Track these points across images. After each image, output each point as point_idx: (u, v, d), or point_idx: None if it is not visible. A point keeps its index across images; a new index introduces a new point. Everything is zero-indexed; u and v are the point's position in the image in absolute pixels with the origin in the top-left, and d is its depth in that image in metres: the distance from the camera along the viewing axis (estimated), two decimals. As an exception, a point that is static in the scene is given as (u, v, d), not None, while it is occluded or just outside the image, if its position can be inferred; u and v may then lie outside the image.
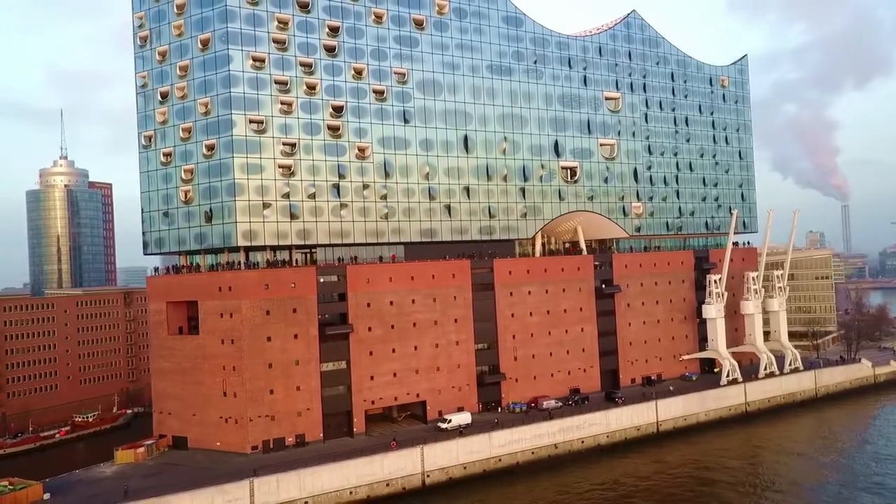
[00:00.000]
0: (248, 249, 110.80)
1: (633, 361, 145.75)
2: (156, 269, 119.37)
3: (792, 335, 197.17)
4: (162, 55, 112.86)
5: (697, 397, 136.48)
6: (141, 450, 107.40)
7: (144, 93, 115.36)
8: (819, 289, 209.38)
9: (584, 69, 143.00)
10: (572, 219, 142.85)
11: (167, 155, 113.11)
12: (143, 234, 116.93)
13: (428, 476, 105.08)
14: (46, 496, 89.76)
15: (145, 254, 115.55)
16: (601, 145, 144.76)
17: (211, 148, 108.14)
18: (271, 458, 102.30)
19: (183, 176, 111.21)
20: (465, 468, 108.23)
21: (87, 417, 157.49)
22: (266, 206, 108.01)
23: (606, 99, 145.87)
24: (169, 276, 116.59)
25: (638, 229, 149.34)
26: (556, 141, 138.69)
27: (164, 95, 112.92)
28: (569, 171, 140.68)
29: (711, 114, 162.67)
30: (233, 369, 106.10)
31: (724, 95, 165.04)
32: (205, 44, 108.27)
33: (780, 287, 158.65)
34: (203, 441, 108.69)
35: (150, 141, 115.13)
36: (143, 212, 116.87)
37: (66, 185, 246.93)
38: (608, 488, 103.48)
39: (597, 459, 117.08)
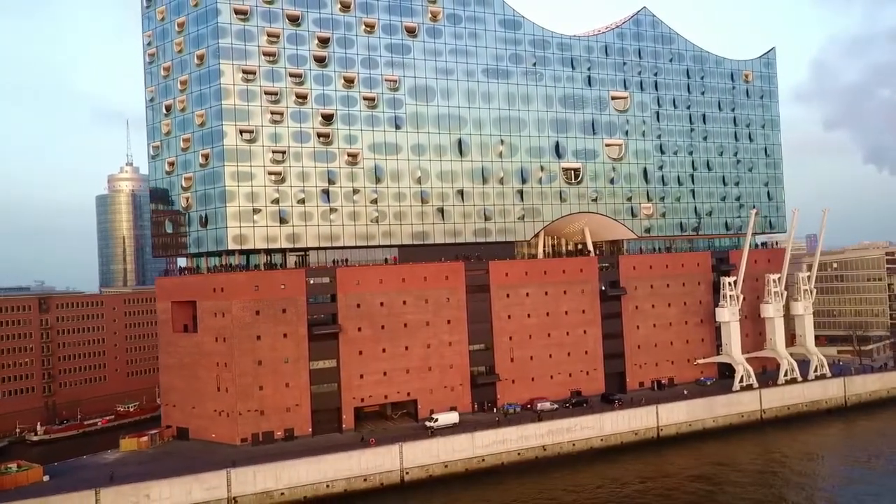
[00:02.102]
0: (247, 253, 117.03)
1: (641, 365, 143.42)
2: (165, 272, 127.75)
3: (841, 340, 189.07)
4: (166, 70, 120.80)
5: (704, 402, 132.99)
6: (144, 438, 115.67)
7: (153, 106, 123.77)
8: (870, 290, 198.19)
9: (589, 69, 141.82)
10: (578, 220, 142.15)
11: (171, 164, 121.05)
12: (152, 238, 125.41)
13: (407, 473, 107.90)
14: (46, 478, 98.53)
15: (154, 256, 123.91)
16: (607, 146, 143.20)
17: (206, 157, 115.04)
18: (258, 451, 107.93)
19: (183, 184, 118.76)
20: (445, 466, 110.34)
21: (129, 407, 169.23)
22: (256, 211, 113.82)
23: (613, 99, 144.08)
24: (173, 278, 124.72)
25: (648, 230, 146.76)
26: (557, 142, 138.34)
27: (168, 108, 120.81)
28: (572, 173, 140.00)
29: (733, 110, 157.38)
30: (224, 366, 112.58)
31: (747, 91, 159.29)
32: (200, 59, 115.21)
33: (805, 290, 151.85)
34: (201, 432, 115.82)
35: (157, 151, 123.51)
36: (151, 217, 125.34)
37: (131, 190, 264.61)
38: (591, 492, 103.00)
39: (586, 463, 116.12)
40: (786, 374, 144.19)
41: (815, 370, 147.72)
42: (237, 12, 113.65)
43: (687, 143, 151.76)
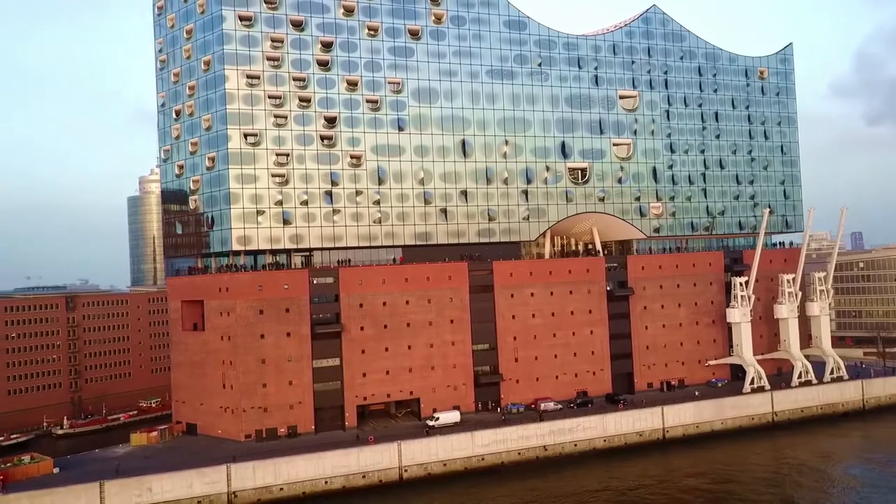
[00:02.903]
0: (254, 253, 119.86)
1: (650, 366, 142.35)
2: (176, 272, 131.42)
3: (868, 342, 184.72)
4: (176, 76, 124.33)
5: (713, 404, 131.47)
6: (154, 434, 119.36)
7: (164, 111, 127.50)
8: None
9: (596, 69, 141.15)
10: (586, 220, 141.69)
11: (180, 167, 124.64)
12: (164, 238, 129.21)
13: (405, 471, 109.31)
14: (56, 470, 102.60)
15: (166, 257, 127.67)
16: (615, 145, 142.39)
17: (212, 160, 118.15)
18: (261, 447, 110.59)
19: (192, 186, 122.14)
20: (444, 465, 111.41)
21: (151, 403, 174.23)
22: (260, 213, 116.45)
23: (621, 98, 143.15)
24: (183, 278, 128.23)
25: (657, 230, 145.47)
26: (564, 142, 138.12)
27: (178, 113, 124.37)
28: (578, 172, 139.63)
29: (747, 108, 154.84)
30: (230, 363, 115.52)
31: (762, 87, 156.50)
32: (207, 64, 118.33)
33: (821, 290, 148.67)
34: (208, 428, 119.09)
35: (168, 154, 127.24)
36: (164, 219, 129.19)
37: (160, 192, 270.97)
38: (589, 493, 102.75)
39: (588, 464, 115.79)
40: (800, 377, 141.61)
41: (832, 372, 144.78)
42: (242, 19, 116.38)
43: (698, 141, 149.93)
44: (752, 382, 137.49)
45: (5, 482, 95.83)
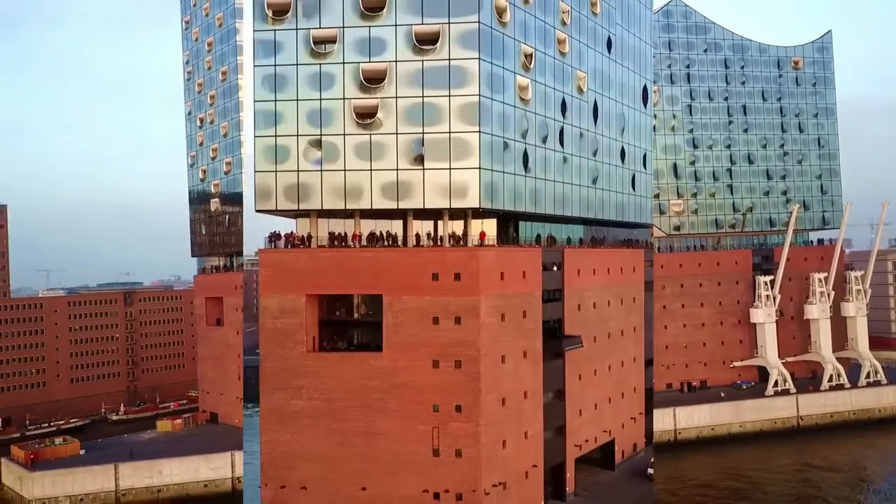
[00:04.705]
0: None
1: (669, 366, 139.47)
2: (202, 270, 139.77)
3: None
4: (200, 86, 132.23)
5: (730, 406, 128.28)
6: (178, 421, 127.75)
7: (190, 119, 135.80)
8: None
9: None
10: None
11: (203, 172, 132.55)
12: (191, 238, 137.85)
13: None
14: (82, 452, 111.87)
15: (192, 256, 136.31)
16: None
17: (229, 164, 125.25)
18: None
19: (213, 190, 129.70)
20: None
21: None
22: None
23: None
24: (207, 276, 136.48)
25: (677, 228, 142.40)
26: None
27: (202, 121, 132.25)
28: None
29: (779, 100, 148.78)
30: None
31: (797, 78, 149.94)
32: (224, 75, 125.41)
33: (858, 290, 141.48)
34: (227, 418, 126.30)
35: (193, 160, 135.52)
36: (190, 220, 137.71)
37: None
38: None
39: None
40: (830, 380, 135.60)
41: (867, 376, 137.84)
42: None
43: (724, 136, 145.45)
44: (775, 385, 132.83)
45: (34, 461, 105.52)
